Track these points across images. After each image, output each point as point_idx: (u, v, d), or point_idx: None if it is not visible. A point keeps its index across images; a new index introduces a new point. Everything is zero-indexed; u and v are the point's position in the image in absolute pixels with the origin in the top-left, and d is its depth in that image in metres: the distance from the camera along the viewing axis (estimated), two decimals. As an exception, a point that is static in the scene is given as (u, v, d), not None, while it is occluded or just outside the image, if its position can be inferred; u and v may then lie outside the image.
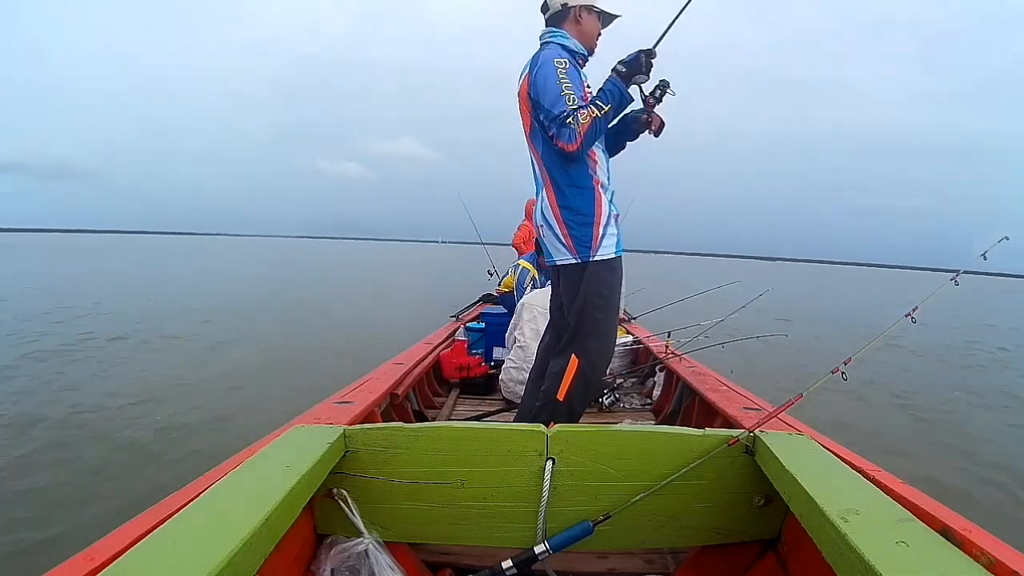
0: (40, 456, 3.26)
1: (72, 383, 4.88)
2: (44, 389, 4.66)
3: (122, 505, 2.56)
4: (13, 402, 4.25)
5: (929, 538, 0.75)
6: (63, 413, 4.01)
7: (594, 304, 1.66)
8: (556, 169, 1.66)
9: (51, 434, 3.62)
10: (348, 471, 1.14)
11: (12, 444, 3.42)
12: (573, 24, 1.71)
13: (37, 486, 2.88)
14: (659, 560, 1.39)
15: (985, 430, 4.68)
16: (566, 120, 1.52)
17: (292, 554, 1.03)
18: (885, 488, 0.94)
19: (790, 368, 6.61)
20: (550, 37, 1.69)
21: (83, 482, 2.95)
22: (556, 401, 1.69)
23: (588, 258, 1.65)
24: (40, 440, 3.51)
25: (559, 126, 1.54)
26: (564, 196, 1.66)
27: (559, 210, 1.67)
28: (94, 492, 2.83)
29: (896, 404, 5.38)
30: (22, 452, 3.31)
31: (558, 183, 1.66)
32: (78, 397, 4.45)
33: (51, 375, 5.09)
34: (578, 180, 1.65)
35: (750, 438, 1.14)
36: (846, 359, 1.13)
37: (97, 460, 3.24)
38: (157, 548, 0.70)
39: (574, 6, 1.69)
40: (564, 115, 1.53)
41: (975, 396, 5.95)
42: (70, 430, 3.70)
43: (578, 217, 1.65)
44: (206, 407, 4.29)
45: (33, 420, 3.83)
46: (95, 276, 17.29)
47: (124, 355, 6.07)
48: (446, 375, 3.16)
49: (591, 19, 1.72)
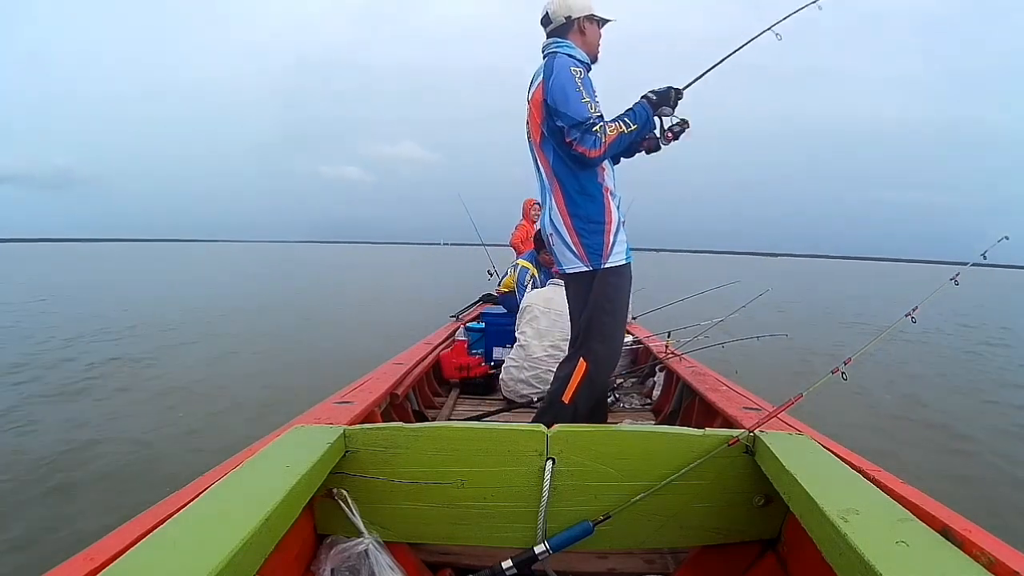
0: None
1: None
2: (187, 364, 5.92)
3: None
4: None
5: (929, 538, 0.75)
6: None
7: (603, 309, 1.68)
8: (566, 176, 1.67)
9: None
10: (348, 471, 1.14)
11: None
12: (577, 35, 1.72)
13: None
14: (659, 560, 1.39)
15: (986, 430, 4.68)
16: (592, 127, 1.54)
17: (292, 554, 1.03)
18: (885, 488, 0.94)
19: (790, 368, 6.61)
20: (556, 47, 1.70)
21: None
22: (561, 403, 1.70)
23: (599, 266, 1.67)
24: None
25: (583, 132, 1.55)
26: (574, 203, 1.67)
27: (570, 218, 1.68)
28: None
29: (896, 404, 5.37)
30: (214, 410, 4.29)
31: (568, 190, 1.67)
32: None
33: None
34: (588, 187, 1.66)
35: (750, 438, 1.14)
36: (846, 359, 1.13)
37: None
38: (157, 548, 0.70)
39: (577, 18, 1.71)
40: (590, 122, 1.54)
41: (981, 394, 5.95)
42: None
43: (590, 225, 1.66)
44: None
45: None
46: (126, 284, 17.90)
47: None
48: (446, 375, 3.16)
49: (593, 28, 1.74)
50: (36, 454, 3.39)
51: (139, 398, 4.72)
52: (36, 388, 4.89)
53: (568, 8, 1.70)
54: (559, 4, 1.70)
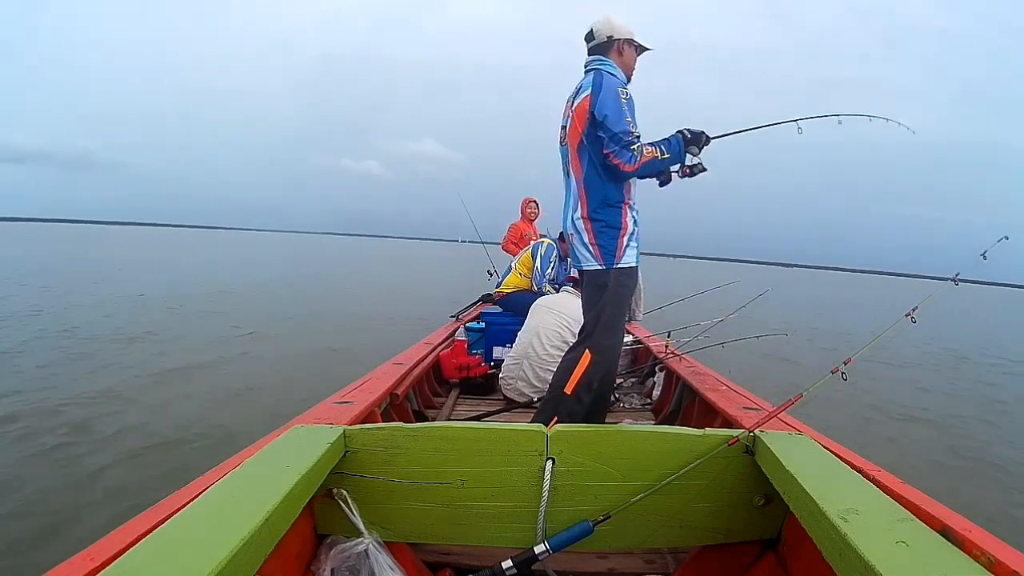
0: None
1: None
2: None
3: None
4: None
5: (929, 538, 0.75)
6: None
7: (611, 303, 1.82)
8: (596, 184, 1.80)
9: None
10: (348, 471, 1.14)
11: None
12: (616, 55, 1.86)
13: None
14: (659, 560, 1.39)
15: (987, 430, 4.68)
16: (631, 145, 1.69)
17: (292, 554, 1.03)
18: (885, 488, 0.94)
19: (791, 367, 6.61)
20: (599, 65, 1.84)
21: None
22: (564, 395, 1.80)
23: (612, 266, 1.81)
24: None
25: (622, 147, 1.69)
26: (596, 210, 1.81)
27: (591, 222, 1.83)
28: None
29: (898, 403, 5.37)
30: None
31: (593, 197, 1.81)
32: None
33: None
34: (611, 197, 1.81)
35: (750, 438, 1.14)
36: (846, 359, 1.13)
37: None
38: (157, 548, 0.70)
39: (618, 39, 1.85)
40: (631, 140, 1.69)
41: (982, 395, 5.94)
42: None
43: (607, 230, 1.81)
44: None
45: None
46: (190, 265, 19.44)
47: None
48: (446, 375, 3.16)
49: (631, 51, 1.88)
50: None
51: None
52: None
53: (612, 29, 1.84)
54: (604, 24, 1.85)
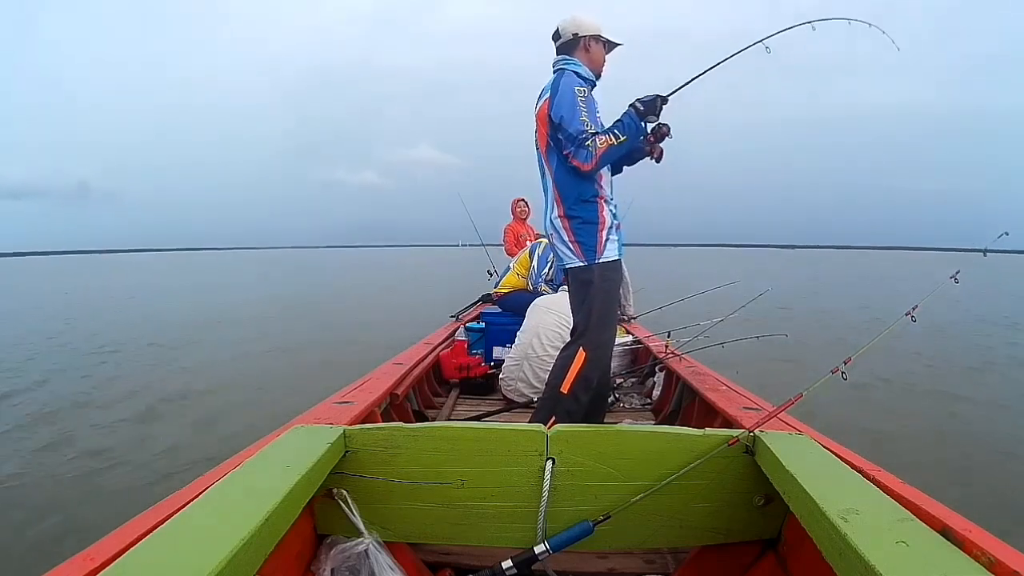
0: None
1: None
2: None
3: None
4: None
5: (929, 538, 0.75)
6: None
7: (599, 298, 1.82)
8: (568, 184, 1.82)
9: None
10: (348, 471, 1.14)
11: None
12: (583, 52, 1.85)
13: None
14: (659, 560, 1.39)
15: (988, 428, 4.67)
16: (585, 142, 1.68)
17: (292, 554, 1.03)
18: (885, 488, 0.94)
19: (790, 367, 6.60)
20: (564, 64, 1.84)
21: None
22: (560, 394, 1.79)
23: (594, 261, 1.82)
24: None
25: (577, 146, 1.70)
26: (572, 208, 1.82)
27: (568, 220, 1.83)
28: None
29: (901, 400, 5.36)
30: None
31: (567, 196, 1.83)
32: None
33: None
34: (585, 194, 1.81)
35: (750, 438, 1.14)
36: (846, 359, 1.13)
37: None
38: (157, 548, 0.70)
39: (584, 36, 1.84)
40: (584, 137, 1.68)
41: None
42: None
43: (585, 226, 1.82)
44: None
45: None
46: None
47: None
48: (446, 375, 3.16)
49: (598, 48, 1.87)
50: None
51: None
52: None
53: (577, 26, 1.83)
54: (569, 22, 1.84)
